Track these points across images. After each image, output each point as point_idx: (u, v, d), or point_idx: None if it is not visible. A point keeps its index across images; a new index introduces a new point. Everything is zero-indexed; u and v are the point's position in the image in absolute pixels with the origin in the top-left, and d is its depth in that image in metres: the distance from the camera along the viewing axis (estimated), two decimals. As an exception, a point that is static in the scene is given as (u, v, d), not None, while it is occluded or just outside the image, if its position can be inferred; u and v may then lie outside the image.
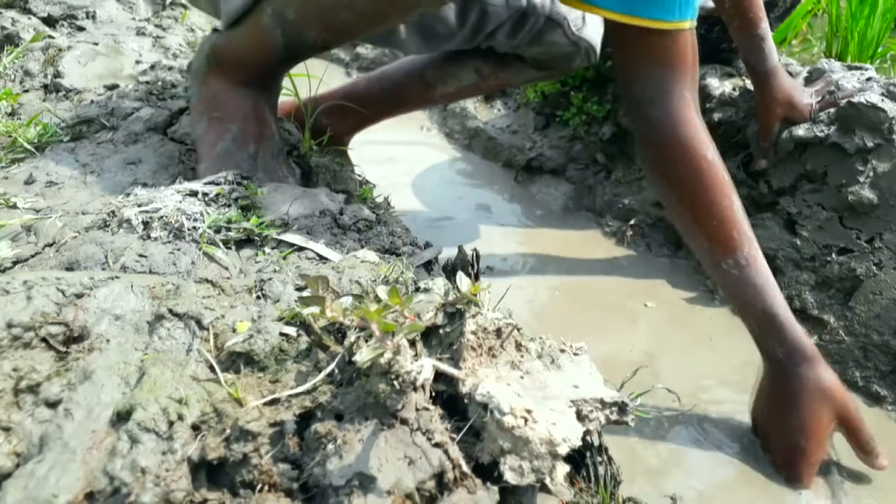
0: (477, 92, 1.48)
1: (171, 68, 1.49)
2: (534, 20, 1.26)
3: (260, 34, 0.99)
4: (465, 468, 0.56)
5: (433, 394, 0.61)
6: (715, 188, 0.92)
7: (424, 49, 1.26)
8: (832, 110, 1.26)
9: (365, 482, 0.53)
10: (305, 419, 0.58)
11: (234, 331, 0.65)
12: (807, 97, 1.28)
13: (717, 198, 0.92)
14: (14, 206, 0.94)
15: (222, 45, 1.04)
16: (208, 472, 0.56)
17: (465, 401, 0.60)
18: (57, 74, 1.38)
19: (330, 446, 0.55)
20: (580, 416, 0.61)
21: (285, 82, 1.30)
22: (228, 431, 0.55)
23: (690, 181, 0.93)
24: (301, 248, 0.84)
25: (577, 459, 0.71)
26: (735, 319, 1.29)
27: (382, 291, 0.61)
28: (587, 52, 1.33)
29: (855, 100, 1.21)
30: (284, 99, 1.22)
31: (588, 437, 0.66)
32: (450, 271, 0.89)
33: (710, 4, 1.43)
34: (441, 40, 1.23)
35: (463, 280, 0.65)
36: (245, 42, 1.02)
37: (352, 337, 0.61)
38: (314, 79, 1.29)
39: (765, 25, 1.22)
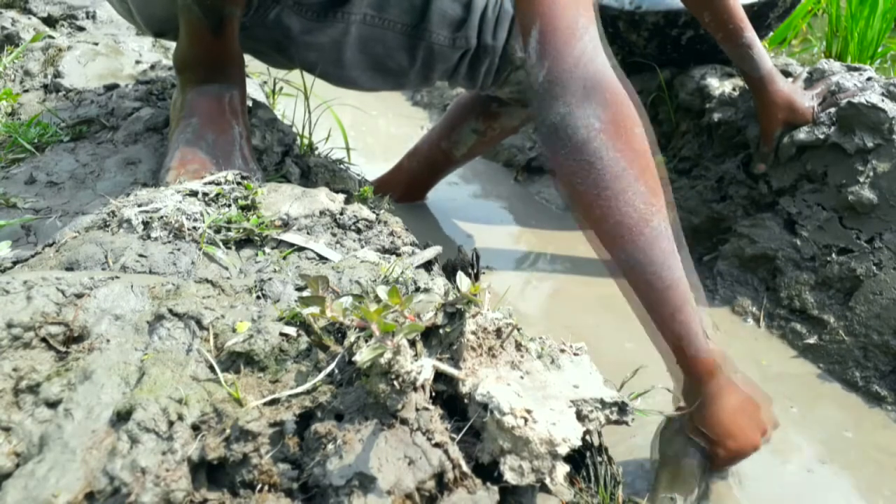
0: (489, 144, 1.62)
1: (170, 68, 1.49)
2: (489, 60, 1.29)
3: (185, 17, 1.02)
4: (465, 468, 0.56)
5: (433, 394, 0.61)
6: None
7: (380, 85, 1.31)
8: (832, 110, 1.26)
9: (365, 482, 0.53)
10: (305, 419, 0.58)
11: (234, 331, 0.65)
12: (808, 100, 1.28)
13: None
14: (14, 206, 0.94)
15: (176, 55, 1.09)
16: (208, 472, 0.56)
17: (465, 401, 0.60)
18: (57, 74, 1.38)
19: (330, 446, 0.55)
20: (580, 416, 0.61)
21: (289, 85, 1.30)
22: (228, 431, 0.55)
23: None
24: (301, 248, 0.84)
25: (577, 459, 0.71)
26: (735, 319, 1.29)
27: (382, 291, 0.61)
28: None
29: (855, 100, 1.21)
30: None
31: (588, 437, 0.66)
32: (450, 271, 0.89)
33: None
34: (394, 76, 1.28)
35: (463, 280, 0.64)
36: (183, 36, 1.06)
37: (352, 337, 0.61)
38: (308, 77, 1.31)
39: (748, 34, 1.22)
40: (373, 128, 1.98)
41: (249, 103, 1.27)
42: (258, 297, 0.71)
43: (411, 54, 1.24)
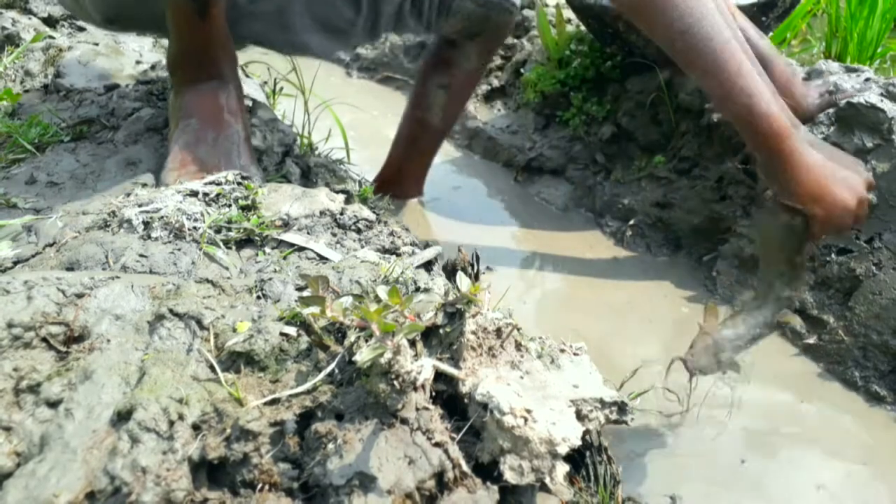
0: (460, 99, 1.58)
1: (171, 68, 1.48)
2: None
3: (171, 5, 1.02)
4: (465, 468, 0.57)
5: (433, 394, 0.61)
6: None
7: (331, 46, 1.32)
8: (832, 111, 1.26)
9: (365, 482, 0.53)
10: (306, 419, 0.58)
11: (234, 331, 0.65)
12: (806, 88, 1.27)
13: None
14: (15, 206, 0.94)
15: (168, 56, 1.09)
16: (209, 471, 0.56)
17: (465, 401, 0.60)
18: (57, 74, 1.38)
19: (330, 446, 0.55)
20: (580, 416, 0.62)
21: (292, 84, 1.30)
22: (229, 431, 0.56)
23: None
24: (301, 248, 0.84)
25: (577, 459, 0.71)
26: (735, 319, 1.29)
27: (382, 291, 0.62)
28: (501, 7, 1.37)
29: (854, 100, 1.21)
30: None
31: (588, 437, 0.66)
32: (450, 271, 0.89)
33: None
34: (343, 33, 1.28)
35: (463, 280, 0.65)
36: (172, 30, 1.06)
37: (352, 337, 0.61)
38: (308, 77, 1.31)
39: (741, 20, 1.22)
40: (373, 128, 1.98)
41: (249, 103, 1.28)
42: (258, 297, 0.71)
43: (356, 4, 1.25)
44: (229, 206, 0.88)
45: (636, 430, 0.98)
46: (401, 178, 1.64)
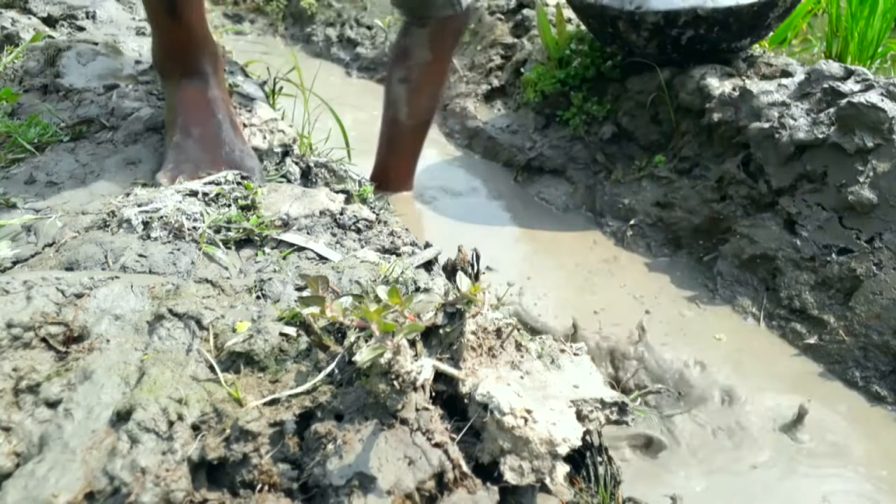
0: (425, 92, 1.57)
1: (170, 68, 1.48)
2: None
3: (146, 5, 1.06)
4: (465, 468, 0.57)
5: (433, 394, 0.61)
6: None
7: None
8: (832, 110, 1.26)
9: (365, 482, 0.53)
10: (305, 419, 0.58)
11: (233, 331, 0.65)
12: None
13: None
14: (14, 206, 0.94)
15: (153, 58, 1.13)
16: (208, 471, 0.56)
17: (465, 401, 0.60)
18: (57, 74, 1.38)
19: (330, 446, 0.55)
20: (580, 416, 0.61)
21: (292, 84, 1.30)
22: (228, 431, 0.55)
23: None
24: (301, 248, 0.84)
25: (577, 459, 0.71)
26: (735, 318, 1.29)
27: (382, 291, 0.61)
28: None
29: (855, 99, 1.21)
30: None
31: (588, 437, 0.66)
32: (450, 271, 0.89)
33: (709, 4, 1.43)
34: None
35: (463, 280, 0.65)
36: (152, 32, 1.10)
37: (352, 337, 0.61)
38: (308, 77, 1.31)
39: None
40: (373, 128, 1.98)
41: (249, 103, 1.27)
42: (258, 297, 0.71)
43: None
44: (229, 205, 0.88)
45: (637, 430, 0.98)
46: (388, 178, 1.66)
